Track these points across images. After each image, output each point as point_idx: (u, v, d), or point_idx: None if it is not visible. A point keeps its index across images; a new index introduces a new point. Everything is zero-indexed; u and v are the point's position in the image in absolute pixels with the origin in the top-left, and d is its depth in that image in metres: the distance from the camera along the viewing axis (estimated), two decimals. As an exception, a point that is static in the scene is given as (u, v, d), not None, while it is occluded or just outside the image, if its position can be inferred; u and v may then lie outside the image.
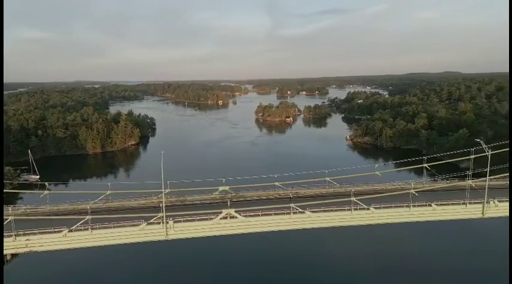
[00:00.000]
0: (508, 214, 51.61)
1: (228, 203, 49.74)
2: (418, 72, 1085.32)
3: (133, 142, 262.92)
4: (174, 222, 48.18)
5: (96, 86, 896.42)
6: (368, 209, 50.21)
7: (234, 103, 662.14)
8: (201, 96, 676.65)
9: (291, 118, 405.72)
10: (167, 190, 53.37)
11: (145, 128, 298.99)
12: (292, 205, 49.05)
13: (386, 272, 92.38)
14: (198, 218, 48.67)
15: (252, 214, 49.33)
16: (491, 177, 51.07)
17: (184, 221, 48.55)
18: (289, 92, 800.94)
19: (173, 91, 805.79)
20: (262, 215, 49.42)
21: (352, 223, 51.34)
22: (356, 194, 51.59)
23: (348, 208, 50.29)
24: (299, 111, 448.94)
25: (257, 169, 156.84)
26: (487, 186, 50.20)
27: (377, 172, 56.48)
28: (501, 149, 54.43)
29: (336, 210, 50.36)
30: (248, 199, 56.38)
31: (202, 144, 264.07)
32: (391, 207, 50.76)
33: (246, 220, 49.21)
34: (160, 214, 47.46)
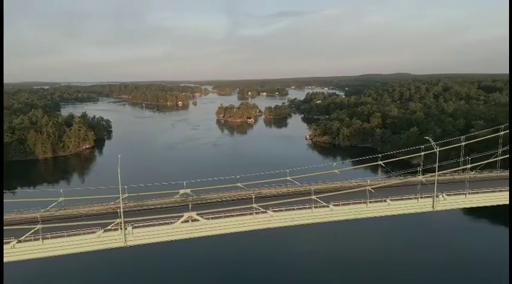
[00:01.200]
0: (455, 207, 55.28)
1: (190, 206, 48.88)
2: (372, 74, 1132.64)
3: (87, 146, 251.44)
4: (133, 228, 46.54)
5: (46, 87, 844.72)
6: (328, 206, 51.57)
7: (195, 104, 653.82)
8: (159, 97, 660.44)
9: (252, 119, 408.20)
10: (125, 195, 51.47)
11: (100, 131, 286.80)
12: (254, 205, 49.20)
13: (344, 265, 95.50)
14: (158, 222, 47.36)
15: (214, 216, 48.86)
16: (439, 172, 54.39)
17: (143, 226, 47.05)
18: (249, 93, 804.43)
19: (130, 92, 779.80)
20: (224, 217, 49.12)
21: (313, 220, 52.45)
22: (316, 192, 52.79)
23: (309, 206, 51.33)
24: (260, 111, 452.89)
25: (219, 171, 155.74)
26: (436, 181, 53.37)
27: (335, 171, 58.18)
28: (448, 146, 58.26)
29: (297, 209, 51.22)
30: (210, 201, 55.79)
31: (162, 146, 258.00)
32: (349, 203, 52.48)
33: (209, 222, 48.65)
34: (118, 220, 45.64)
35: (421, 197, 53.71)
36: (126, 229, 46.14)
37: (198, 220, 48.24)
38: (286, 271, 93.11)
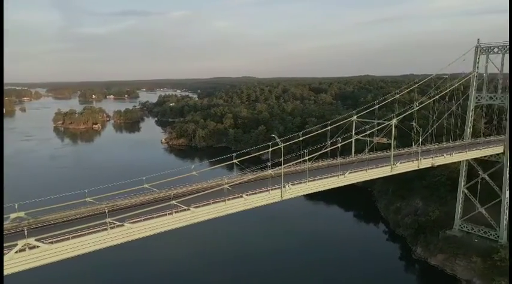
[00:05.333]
0: (299, 194, 62.99)
1: (25, 231, 41.07)
2: (222, 77, 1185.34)
3: None
4: None
5: None
6: (189, 209, 51.40)
7: (23, 110, 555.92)
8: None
9: (99, 125, 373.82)
10: None
11: None
12: (108, 219, 44.91)
13: (211, 264, 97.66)
14: (-19, 259, 38.05)
15: (59, 238, 42.38)
16: (285, 165, 61.03)
17: (-41, 267, 37.06)
18: (94, 96, 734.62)
19: None
20: (72, 238, 43.18)
21: (175, 225, 51.40)
22: (176, 196, 51.89)
23: (170, 211, 50.09)
24: (108, 116, 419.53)
25: (62, 186, 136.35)
26: (282, 173, 59.70)
27: (194, 173, 58.34)
28: (290, 141, 65.93)
29: (157, 216, 49.25)
30: (54, 222, 48.16)
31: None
32: (209, 203, 53.53)
33: (52, 247, 41.92)
34: None
35: (271, 189, 59.09)
36: None
37: (38, 247, 40.99)
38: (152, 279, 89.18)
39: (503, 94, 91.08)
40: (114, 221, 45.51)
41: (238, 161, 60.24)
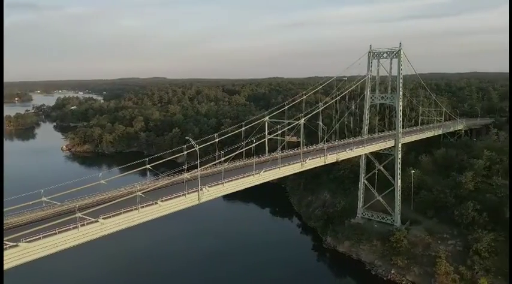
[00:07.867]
0: (217, 195, 62.77)
1: None
2: (129, 77, 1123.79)
3: None
4: None
5: None
6: (97, 221, 47.34)
7: None
8: None
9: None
10: None
11: None
12: (-2, 241, 38.87)
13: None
14: None
15: None
16: (201, 168, 60.22)
17: None
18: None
19: None
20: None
21: (82, 240, 46.87)
22: (82, 208, 47.41)
23: (74, 225, 45.44)
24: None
25: None
26: (199, 176, 58.80)
27: (102, 181, 53.92)
28: (206, 143, 65.28)
29: (59, 232, 44.29)
30: None
31: None
32: (120, 213, 50.04)
33: None
34: None
35: (188, 193, 57.71)
36: None
37: None
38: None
39: (392, 95, 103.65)
40: (6, 242, 39.64)
41: (151, 166, 57.52)
